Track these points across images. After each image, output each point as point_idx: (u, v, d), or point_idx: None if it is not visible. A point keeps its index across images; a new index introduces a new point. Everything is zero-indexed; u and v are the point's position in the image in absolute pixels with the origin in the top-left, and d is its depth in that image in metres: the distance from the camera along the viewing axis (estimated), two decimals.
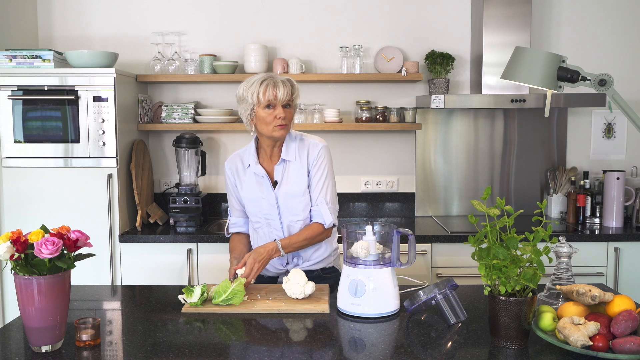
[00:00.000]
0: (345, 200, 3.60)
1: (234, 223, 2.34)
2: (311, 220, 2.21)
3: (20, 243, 1.49)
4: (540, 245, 1.59)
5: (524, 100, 3.12)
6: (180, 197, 3.28)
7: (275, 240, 2.15)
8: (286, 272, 2.21)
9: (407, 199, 3.64)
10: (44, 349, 1.54)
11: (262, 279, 2.28)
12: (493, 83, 3.32)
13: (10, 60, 3.04)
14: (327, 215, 2.18)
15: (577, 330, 1.47)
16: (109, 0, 3.55)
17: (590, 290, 1.59)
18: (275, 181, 2.20)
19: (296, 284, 1.94)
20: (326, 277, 2.25)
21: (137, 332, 1.70)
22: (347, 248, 1.88)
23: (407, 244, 1.90)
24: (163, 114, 3.43)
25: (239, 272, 2.03)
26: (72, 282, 1.65)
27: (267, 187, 2.19)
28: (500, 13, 3.29)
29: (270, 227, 2.22)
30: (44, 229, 1.56)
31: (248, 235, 2.34)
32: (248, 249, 2.30)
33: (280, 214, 2.20)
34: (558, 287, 1.72)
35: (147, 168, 3.44)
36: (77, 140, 3.06)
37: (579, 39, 3.57)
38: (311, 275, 2.22)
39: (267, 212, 2.20)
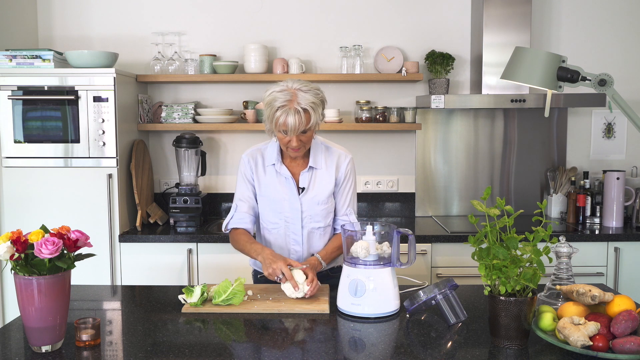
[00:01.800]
0: None
1: (240, 218, 2.23)
2: (335, 230, 2.26)
3: (20, 243, 1.49)
4: (540, 245, 1.59)
5: (524, 100, 3.12)
6: (180, 197, 3.28)
7: (313, 255, 2.17)
8: None
9: (407, 199, 3.64)
10: (44, 349, 1.54)
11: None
12: (493, 83, 3.32)
13: (10, 60, 3.04)
14: (357, 225, 2.18)
15: (577, 330, 1.47)
16: (109, 0, 3.55)
17: (590, 290, 1.59)
18: (302, 187, 2.19)
19: None
20: (334, 276, 2.24)
21: (137, 332, 1.70)
22: (347, 248, 1.88)
23: (407, 244, 1.90)
24: (163, 114, 3.43)
25: (304, 287, 1.94)
26: (72, 282, 1.65)
27: (292, 191, 2.19)
28: (500, 13, 3.29)
29: (288, 230, 2.21)
30: (44, 229, 1.56)
31: (248, 231, 2.27)
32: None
33: (302, 218, 2.20)
34: (558, 287, 1.72)
35: (147, 168, 3.44)
36: (77, 140, 3.06)
37: (579, 39, 3.57)
38: (319, 274, 2.22)
39: (289, 215, 2.20)
